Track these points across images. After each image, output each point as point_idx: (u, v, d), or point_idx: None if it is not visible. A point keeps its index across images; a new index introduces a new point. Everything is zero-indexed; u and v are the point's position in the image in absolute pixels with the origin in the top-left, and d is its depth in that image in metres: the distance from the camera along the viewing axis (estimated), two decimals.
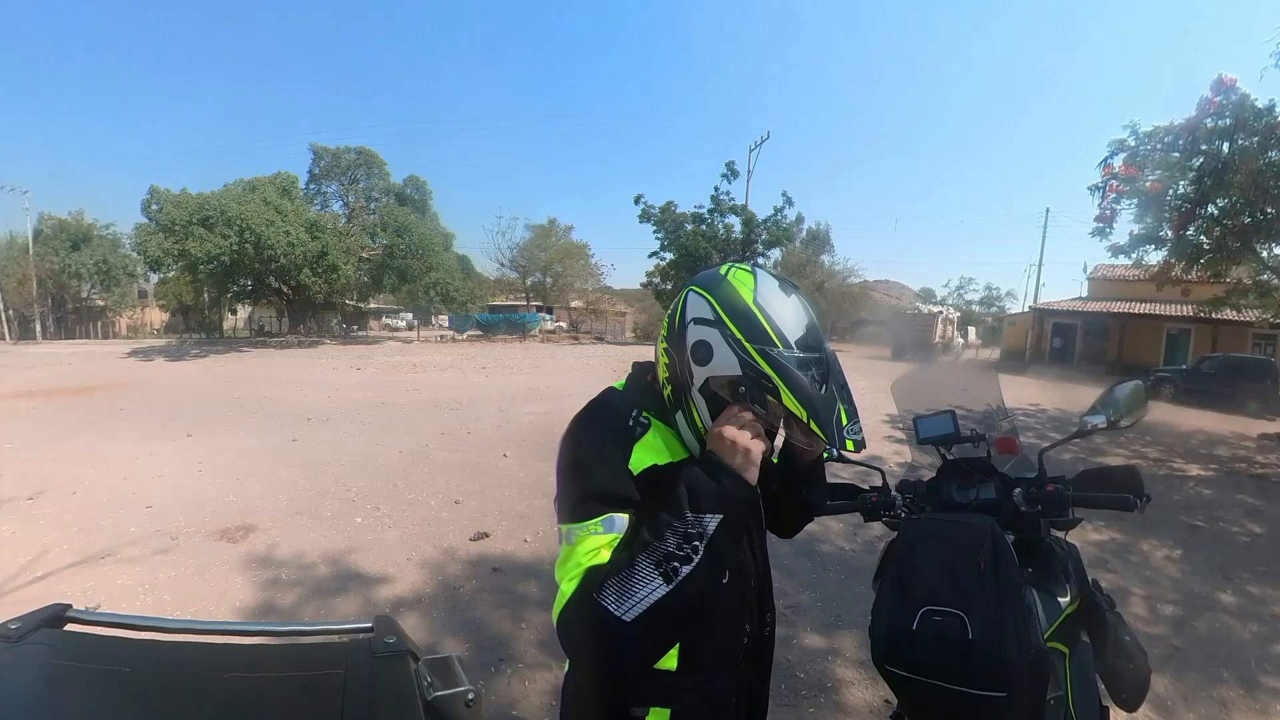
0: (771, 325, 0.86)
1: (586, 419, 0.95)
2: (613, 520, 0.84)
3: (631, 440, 0.91)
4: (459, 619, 3.12)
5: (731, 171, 28.22)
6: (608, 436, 0.91)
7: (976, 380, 1.94)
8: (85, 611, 0.78)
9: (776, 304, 0.88)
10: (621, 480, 0.87)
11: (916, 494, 1.48)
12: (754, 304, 0.87)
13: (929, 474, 1.56)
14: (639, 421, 0.93)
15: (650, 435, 0.93)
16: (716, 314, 0.88)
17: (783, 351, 0.85)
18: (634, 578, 0.79)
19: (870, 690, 2.55)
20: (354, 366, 17.83)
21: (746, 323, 0.86)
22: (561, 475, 0.92)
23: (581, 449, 0.91)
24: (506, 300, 43.28)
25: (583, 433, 0.93)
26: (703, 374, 0.89)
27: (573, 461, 0.91)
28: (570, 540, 0.86)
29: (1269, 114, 8.24)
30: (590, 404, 0.98)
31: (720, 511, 0.82)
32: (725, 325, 0.87)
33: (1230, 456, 8.47)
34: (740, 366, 0.85)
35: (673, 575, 0.79)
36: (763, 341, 0.85)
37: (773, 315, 0.87)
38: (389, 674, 0.70)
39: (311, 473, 5.88)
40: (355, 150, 32.26)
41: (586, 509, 0.85)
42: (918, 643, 1.04)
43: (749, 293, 0.88)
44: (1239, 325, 19.25)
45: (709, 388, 0.90)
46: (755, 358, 0.85)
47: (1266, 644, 3.12)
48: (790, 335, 0.86)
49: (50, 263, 33.57)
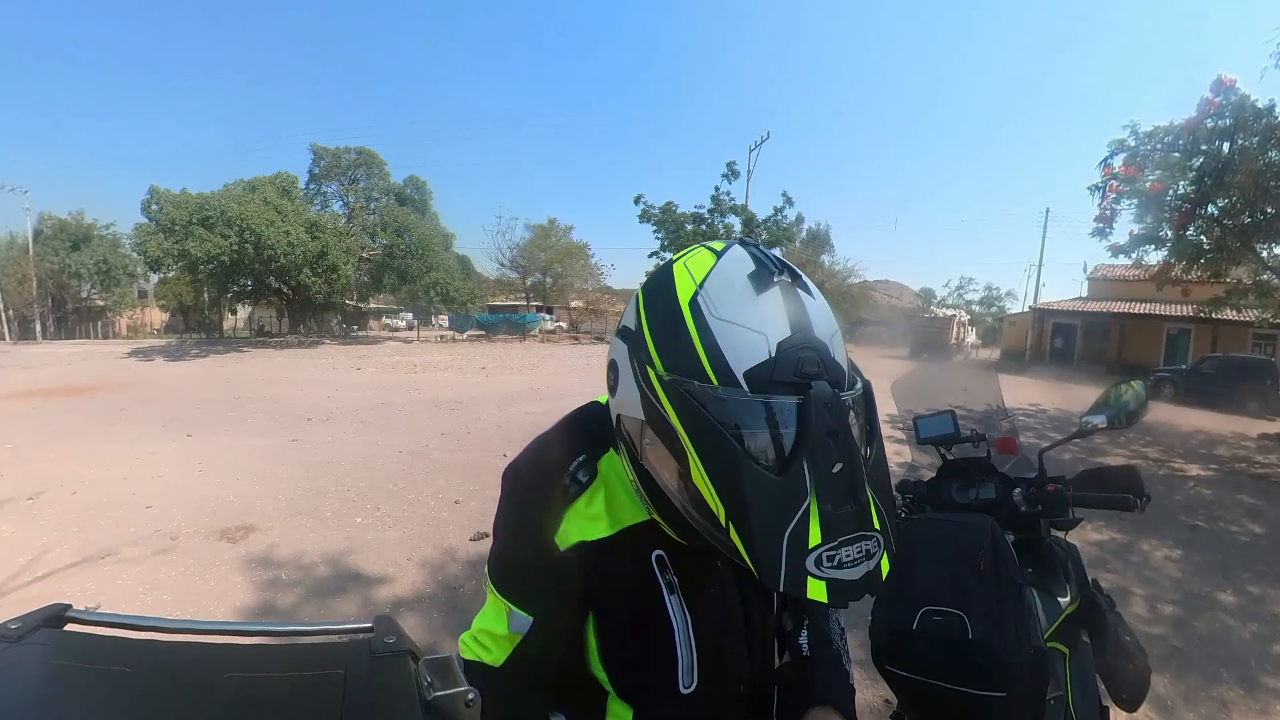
0: (704, 340, 0.53)
1: (524, 458, 0.75)
2: (516, 616, 0.70)
3: (565, 503, 0.69)
4: (459, 619, 3.12)
5: (731, 171, 28.22)
6: (530, 500, 0.71)
7: (976, 380, 1.94)
8: (85, 611, 0.78)
9: (731, 302, 0.54)
10: (536, 568, 0.69)
11: (916, 494, 1.48)
12: (688, 304, 0.55)
13: (929, 474, 1.56)
14: (575, 478, 0.69)
15: (587, 497, 0.70)
16: (637, 318, 0.61)
17: (712, 388, 0.52)
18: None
19: (870, 690, 2.55)
20: (354, 366, 17.83)
21: (664, 333, 0.56)
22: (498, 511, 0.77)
23: (503, 506, 0.74)
24: (506, 300, 43.30)
25: (517, 478, 0.74)
26: (614, 407, 0.65)
27: (498, 515, 0.74)
28: (485, 589, 0.76)
29: (1269, 114, 8.24)
30: (544, 433, 0.77)
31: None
32: (637, 336, 0.59)
33: (1230, 456, 8.47)
34: (641, 405, 0.57)
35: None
36: (681, 366, 0.53)
37: (715, 321, 0.53)
38: (389, 674, 0.70)
39: (311, 473, 5.88)
40: (355, 150, 32.31)
41: (496, 579, 0.73)
42: (918, 643, 1.04)
43: (691, 283, 0.57)
44: (1239, 325, 19.24)
45: (622, 429, 0.65)
46: (658, 392, 0.54)
47: (1266, 644, 3.12)
48: (738, 359, 0.52)
49: (50, 263, 33.59)
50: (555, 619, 0.71)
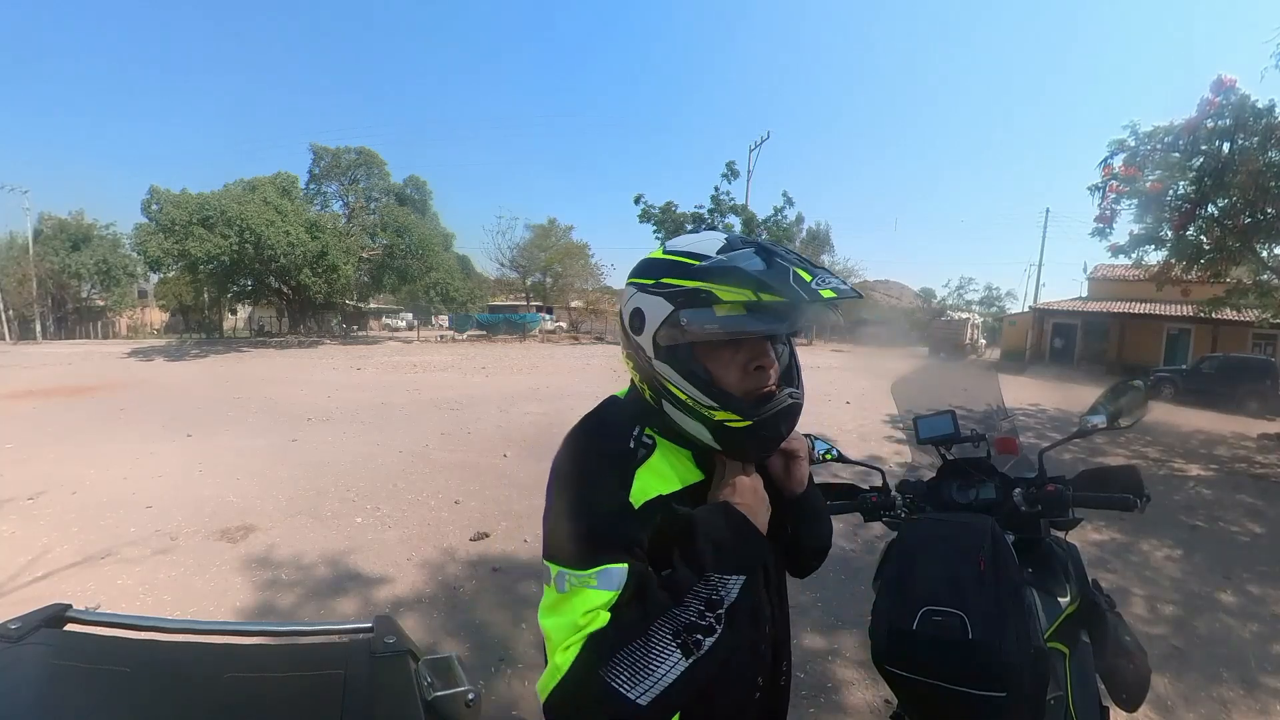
0: (682, 252, 0.80)
1: (581, 437, 0.83)
2: (609, 574, 0.72)
3: (633, 465, 0.79)
4: (459, 619, 3.12)
5: (731, 171, 28.23)
6: (605, 461, 0.79)
7: (976, 380, 1.94)
8: (85, 611, 0.78)
9: (684, 241, 0.84)
10: (621, 518, 0.76)
11: (916, 494, 1.48)
12: (663, 252, 0.84)
13: (929, 474, 1.56)
14: (641, 442, 0.82)
15: (656, 458, 0.82)
16: (636, 283, 0.83)
17: (701, 263, 0.78)
18: (650, 652, 0.68)
19: (870, 690, 2.55)
20: (354, 366, 17.83)
21: (659, 267, 0.81)
22: (551, 503, 0.80)
23: (575, 476, 0.79)
24: (506, 300, 43.31)
25: (577, 455, 0.81)
26: (648, 336, 0.81)
27: (565, 490, 0.79)
28: (561, 587, 0.74)
29: (1269, 114, 8.24)
30: (587, 418, 0.87)
31: (744, 573, 0.75)
32: (643, 284, 0.82)
33: (1230, 456, 8.47)
34: (668, 300, 0.77)
35: (693, 649, 0.70)
36: (678, 269, 0.79)
37: (682, 247, 0.82)
38: (389, 674, 0.70)
39: (311, 473, 5.88)
40: (355, 150, 32.30)
41: (580, 554, 0.73)
42: (918, 643, 1.04)
43: (658, 250, 0.85)
44: (1239, 325, 19.24)
45: (660, 347, 0.80)
46: (675, 282, 0.77)
47: (1266, 644, 3.12)
48: (708, 249, 0.79)
49: (50, 263, 33.61)
50: (638, 566, 0.75)
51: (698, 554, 0.74)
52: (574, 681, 0.68)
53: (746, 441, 0.82)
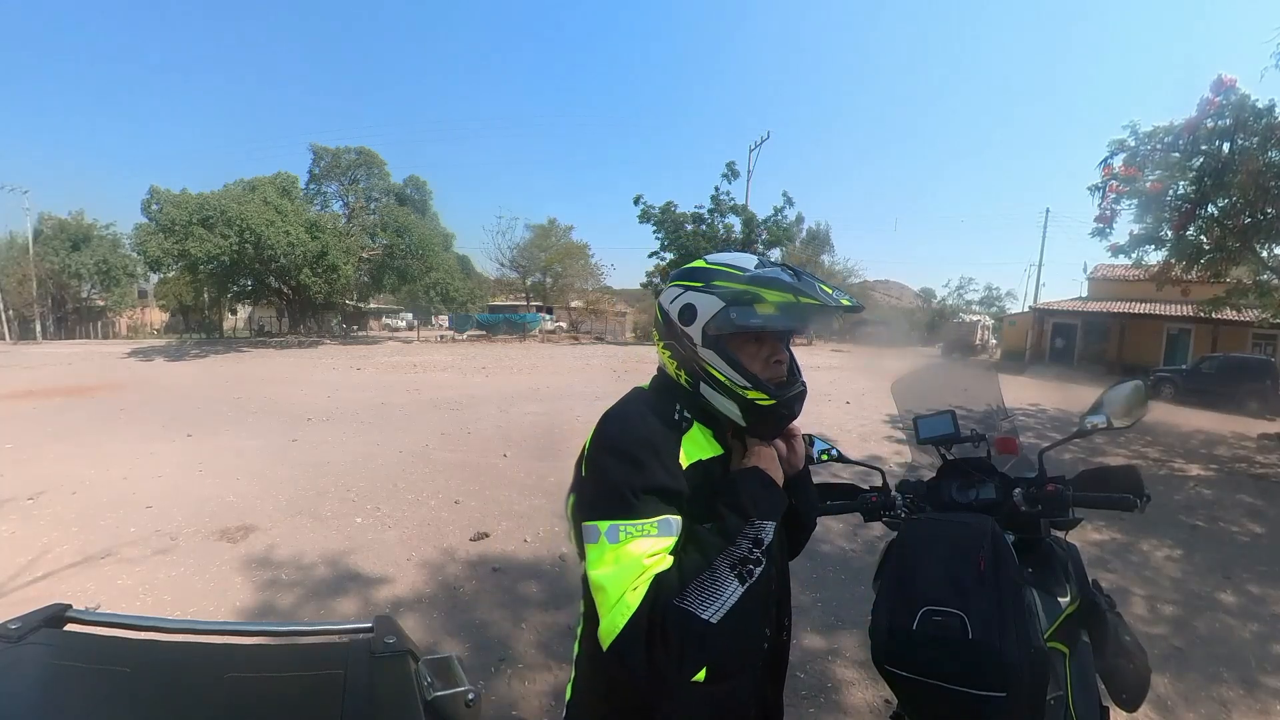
0: (727, 264, 0.99)
1: (629, 413, 0.96)
2: (669, 523, 0.85)
3: (679, 434, 0.94)
4: (459, 619, 3.12)
5: (731, 171, 28.28)
6: (658, 428, 0.93)
7: (976, 380, 1.94)
8: (85, 611, 0.78)
9: (724, 256, 1.02)
10: (676, 475, 0.89)
11: (916, 494, 1.48)
12: (707, 262, 1.02)
13: (929, 474, 1.56)
14: (684, 416, 0.97)
15: (695, 430, 0.97)
16: (685, 285, 0.99)
17: (746, 273, 0.97)
18: (715, 581, 0.82)
19: (870, 690, 2.55)
20: (354, 367, 17.84)
21: (708, 272, 0.99)
22: (600, 466, 0.90)
23: (630, 439, 0.90)
24: (506, 300, 43.29)
25: (630, 422, 0.93)
26: (698, 328, 0.96)
27: (620, 452, 0.89)
28: (613, 538, 0.83)
29: (1269, 114, 8.24)
30: (626, 400, 1.00)
31: (775, 519, 0.90)
32: (694, 285, 0.98)
33: (1230, 456, 8.47)
34: (720, 298, 0.95)
35: (746, 577, 0.84)
36: (726, 276, 0.97)
37: (725, 261, 1.00)
38: (389, 674, 0.70)
39: (311, 473, 5.88)
40: (355, 150, 32.30)
41: (639, 506, 0.84)
42: (918, 643, 1.04)
43: (701, 261, 1.03)
44: (1239, 325, 19.23)
45: (709, 335, 0.96)
46: (727, 284, 0.96)
47: (1266, 644, 3.12)
48: (747, 265, 0.99)
49: (50, 263, 33.61)
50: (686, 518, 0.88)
51: (742, 504, 0.89)
52: (651, 612, 0.78)
53: (769, 416, 0.98)
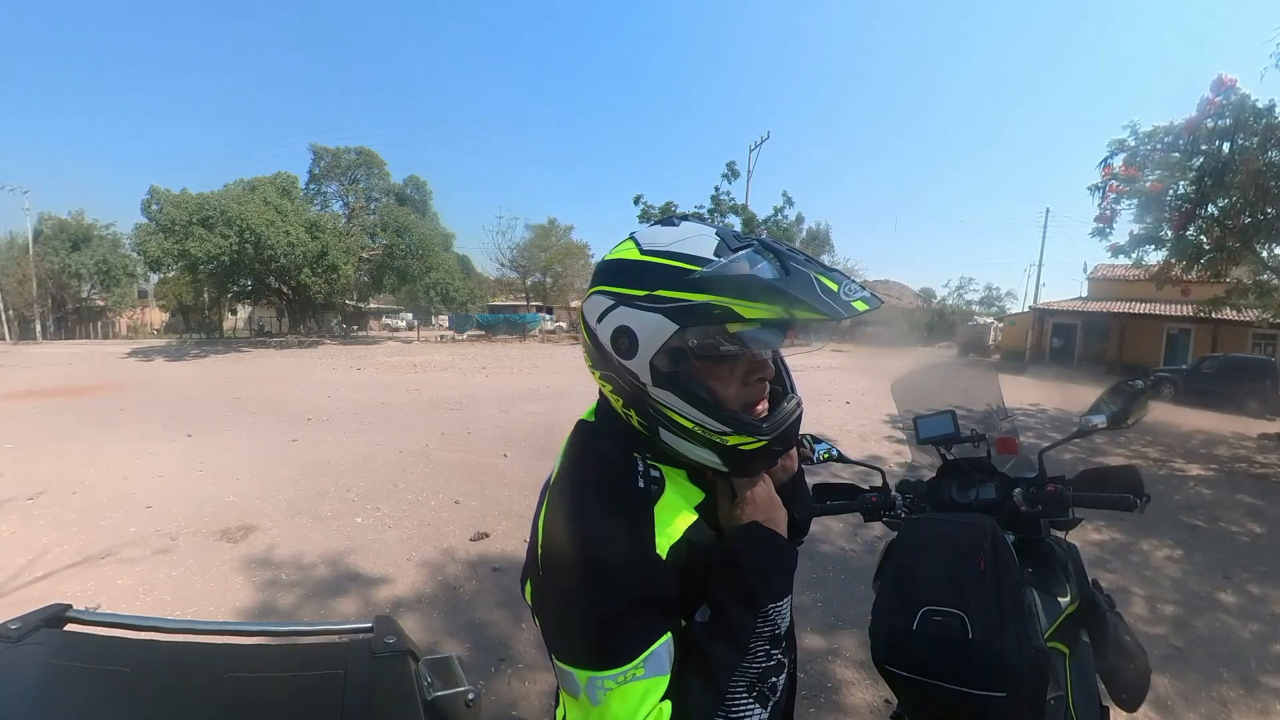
0: (673, 255, 0.67)
1: (581, 486, 0.71)
2: (658, 657, 0.62)
3: (650, 505, 0.68)
4: (459, 619, 3.12)
5: (731, 171, 28.25)
6: (619, 512, 0.66)
7: (976, 380, 1.94)
8: (85, 611, 0.78)
9: (665, 237, 0.69)
10: (654, 580, 0.64)
11: (916, 494, 1.48)
12: (642, 253, 0.69)
13: (929, 474, 1.56)
14: (650, 477, 0.70)
15: (669, 490, 0.71)
16: (614, 294, 0.69)
17: (703, 270, 0.65)
18: (732, 717, 0.62)
19: (870, 690, 2.55)
20: (354, 367, 17.83)
21: (646, 273, 0.67)
22: (558, 586, 0.67)
23: (585, 540, 0.65)
24: (506, 300, 43.35)
25: (580, 511, 0.68)
26: (643, 362, 0.68)
27: (577, 573, 0.64)
28: (595, 698, 0.61)
29: (1269, 114, 8.23)
30: (573, 460, 0.75)
31: (789, 592, 0.69)
32: (627, 295, 0.68)
33: (1230, 456, 8.47)
34: (670, 318, 0.65)
35: (769, 695, 0.64)
36: (674, 276, 0.66)
37: (669, 248, 0.68)
38: (389, 674, 0.70)
39: (311, 473, 5.88)
40: (355, 150, 32.33)
41: (616, 645, 0.61)
42: (918, 643, 1.04)
43: (631, 249, 0.71)
44: (1239, 325, 19.23)
45: (659, 373, 0.68)
46: (676, 295, 0.65)
47: (1266, 644, 3.12)
48: (702, 250, 0.67)
49: (50, 263, 33.61)
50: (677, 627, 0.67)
51: (749, 589, 0.66)
52: None
53: (759, 460, 0.74)
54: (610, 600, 0.62)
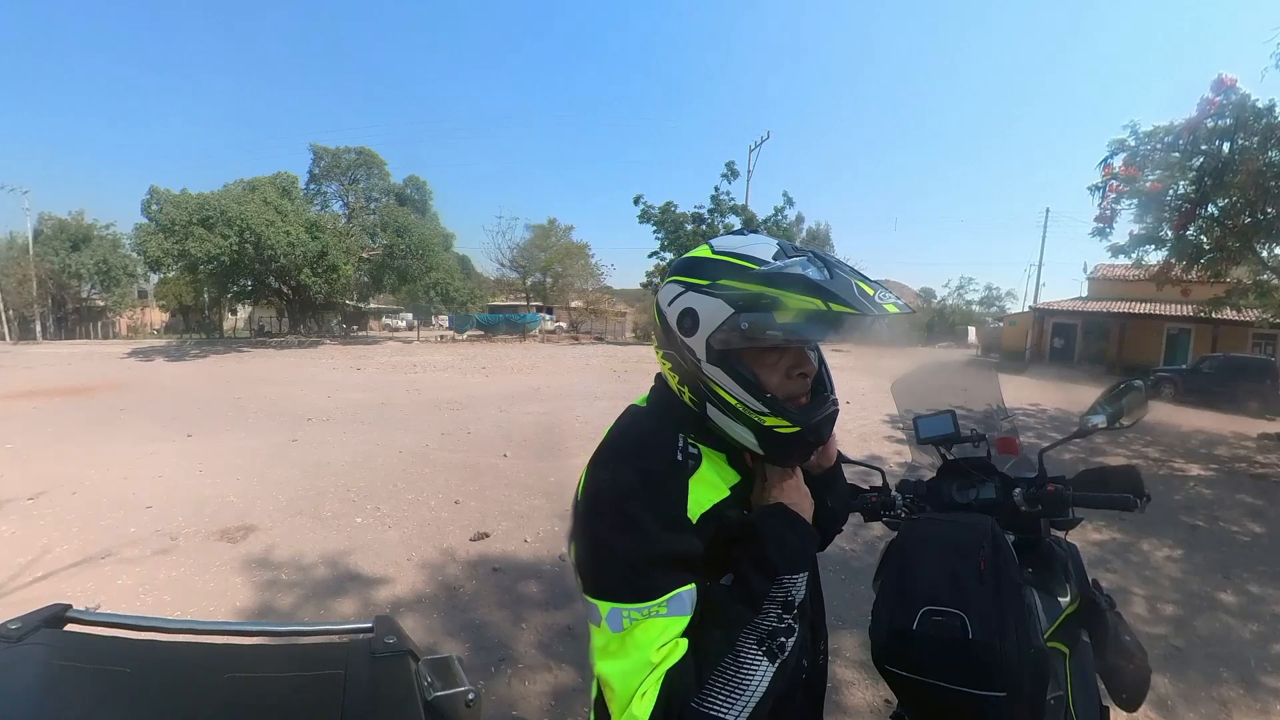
0: (739, 255, 0.78)
1: (623, 452, 0.80)
2: (680, 599, 0.69)
3: (685, 476, 0.76)
4: (459, 619, 3.12)
5: (731, 171, 28.27)
6: (656, 476, 0.75)
7: (976, 380, 1.94)
8: (85, 611, 0.78)
9: (734, 242, 0.81)
10: (683, 537, 0.72)
11: (916, 494, 1.48)
12: (713, 250, 0.81)
13: (929, 474, 1.56)
14: (689, 453, 0.79)
15: (705, 466, 0.79)
16: (685, 282, 0.80)
17: (761, 268, 0.76)
18: (741, 667, 0.68)
19: (870, 690, 2.55)
20: (354, 367, 17.83)
21: (714, 268, 0.78)
22: (592, 532, 0.75)
23: (626, 500, 0.73)
24: (506, 300, 43.31)
25: (624, 477, 0.76)
26: (700, 340, 0.78)
27: (614, 518, 0.73)
28: (615, 625, 0.69)
29: (1269, 114, 8.24)
30: (622, 435, 0.83)
31: (806, 568, 0.76)
32: (696, 284, 0.79)
33: (1230, 456, 8.47)
34: (728, 303, 0.75)
35: (777, 653, 0.70)
36: (736, 272, 0.76)
37: (735, 250, 0.79)
38: (389, 674, 0.70)
39: (311, 473, 5.88)
40: (355, 150, 32.31)
41: (643, 583, 0.69)
42: (918, 643, 1.04)
43: (705, 250, 0.83)
44: (1239, 325, 19.25)
45: (714, 350, 0.78)
46: (736, 284, 0.75)
47: (1266, 644, 3.12)
48: (763, 254, 0.77)
49: (50, 263, 33.60)
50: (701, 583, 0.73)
51: (767, 559, 0.74)
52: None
53: (792, 446, 0.82)
54: (641, 544, 0.70)
